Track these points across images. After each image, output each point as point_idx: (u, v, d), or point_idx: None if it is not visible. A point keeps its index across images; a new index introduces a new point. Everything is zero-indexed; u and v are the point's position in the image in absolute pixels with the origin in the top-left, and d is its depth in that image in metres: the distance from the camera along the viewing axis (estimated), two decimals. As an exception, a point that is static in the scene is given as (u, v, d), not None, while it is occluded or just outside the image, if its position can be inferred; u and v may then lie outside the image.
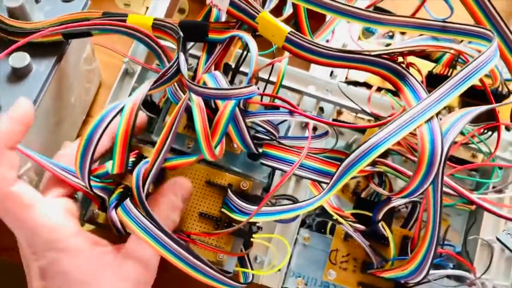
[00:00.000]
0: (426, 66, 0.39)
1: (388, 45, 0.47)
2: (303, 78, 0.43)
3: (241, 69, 0.39)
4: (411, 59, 0.37)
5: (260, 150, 0.35)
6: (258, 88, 0.31)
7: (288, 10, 0.38)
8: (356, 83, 0.43)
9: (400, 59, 0.35)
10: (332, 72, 0.46)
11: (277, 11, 0.38)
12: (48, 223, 0.29)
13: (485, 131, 0.39)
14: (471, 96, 0.38)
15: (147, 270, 0.30)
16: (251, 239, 0.36)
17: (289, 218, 0.36)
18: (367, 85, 0.43)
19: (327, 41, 0.46)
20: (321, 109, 0.44)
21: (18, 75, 0.36)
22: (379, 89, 0.43)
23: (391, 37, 0.47)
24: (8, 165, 0.28)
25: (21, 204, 0.28)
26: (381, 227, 0.35)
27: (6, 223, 0.29)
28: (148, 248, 0.30)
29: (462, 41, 0.38)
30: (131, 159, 0.33)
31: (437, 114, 0.29)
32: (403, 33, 0.46)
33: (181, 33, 0.34)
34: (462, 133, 0.38)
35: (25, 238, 0.29)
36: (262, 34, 0.34)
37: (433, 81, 0.34)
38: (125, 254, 0.30)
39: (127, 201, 0.30)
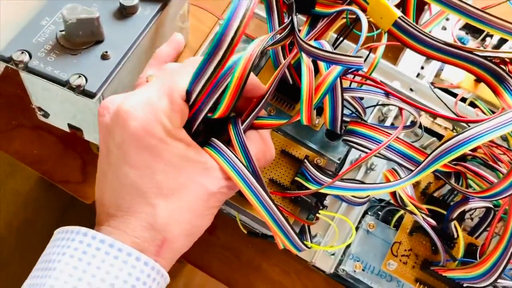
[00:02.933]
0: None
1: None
2: (390, 72, 0.43)
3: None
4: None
5: (341, 132, 0.35)
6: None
7: (394, -1, 0.38)
8: (442, 89, 0.43)
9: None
10: (419, 73, 0.46)
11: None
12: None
13: None
14: None
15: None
16: (317, 215, 0.36)
17: (360, 200, 0.36)
18: (453, 94, 0.42)
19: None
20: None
21: (124, 13, 0.37)
22: (463, 100, 0.43)
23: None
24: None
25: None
26: (452, 226, 0.34)
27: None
28: None
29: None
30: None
31: None
32: (496, 48, 0.46)
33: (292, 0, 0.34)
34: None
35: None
36: (369, 15, 0.35)
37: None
38: None
39: (213, 139, 0.30)
